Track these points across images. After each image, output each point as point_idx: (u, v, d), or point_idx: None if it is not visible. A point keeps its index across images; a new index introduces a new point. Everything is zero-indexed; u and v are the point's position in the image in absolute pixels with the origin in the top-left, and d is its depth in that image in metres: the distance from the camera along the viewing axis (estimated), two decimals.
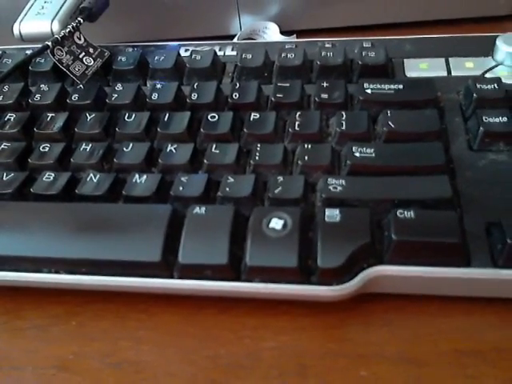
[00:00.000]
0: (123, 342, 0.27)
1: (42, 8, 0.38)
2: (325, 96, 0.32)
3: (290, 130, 0.31)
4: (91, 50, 0.37)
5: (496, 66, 0.33)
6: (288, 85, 0.33)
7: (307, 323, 0.26)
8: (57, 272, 0.27)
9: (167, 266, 0.26)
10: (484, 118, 0.29)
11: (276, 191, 0.28)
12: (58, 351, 0.27)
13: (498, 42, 0.34)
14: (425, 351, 0.25)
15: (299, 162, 0.29)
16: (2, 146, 0.33)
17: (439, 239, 0.25)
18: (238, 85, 0.34)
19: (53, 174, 0.30)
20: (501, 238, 0.25)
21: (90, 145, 0.32)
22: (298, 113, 0.31)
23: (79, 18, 0.36)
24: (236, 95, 0.33)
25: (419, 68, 0.34)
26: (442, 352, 0.25)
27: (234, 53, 0.38)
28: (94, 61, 0.37)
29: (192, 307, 0.27)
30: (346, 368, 0.25)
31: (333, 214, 0.26)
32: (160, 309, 0.28)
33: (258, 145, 0.30)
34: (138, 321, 0.28)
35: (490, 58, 0.34)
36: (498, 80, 0.31)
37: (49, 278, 0.27)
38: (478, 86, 0.31)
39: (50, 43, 0.35)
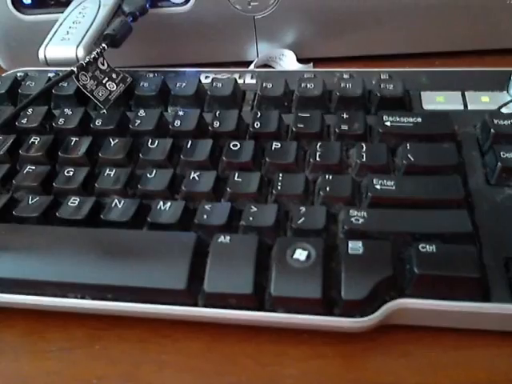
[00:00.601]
0: (146, 365, 0.27)
1: (67, 33, 0.38)
2: (344, 127, 0.33)
3: (311, 160, 0.31)
4: (114, 76, 0.38)
5: (511, 101, 0.34)
6: (308, 115, 0.34)
7: (328, 352, 0.27)
8: (82, 297, 0.28)
9: (192, 293, 0.27)
10: (501, 153, 0.30)
11: (299, 222, 0.28)
12: (81, 374, 0.27)
13: None
14: (442, 382, 0.25)
15: (321, 192, 0.30)
16: (27, 170, 0.33)
17: (459, 274, 0.25)
18: (259, 114, 0.34)
19: (78, 199, 0.31)
20: None
21: (114, 170, 0.32)
22: (319, 143, 0.32)
23: (103, 45, 0.37)
24: (258, 124, 0.34)
25: (436, 101, 0.35)
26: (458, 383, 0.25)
27: (254, 81, 0.39)
28: (117, 86, 0.38)
29: (215, 334, 0.28)
30: None
31: (355, 247, 0.27)
32: (183, 335, 0.28)
33: (280, 174, 0.31)
34: (160, 345, 0.28)
35: (505, 92, 0.35)
36: None
37: (74, 302, 0.28)
38: (495, 121, 0.32)
39: (75, 69, 0.36)
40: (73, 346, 0.28)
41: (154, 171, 0.32)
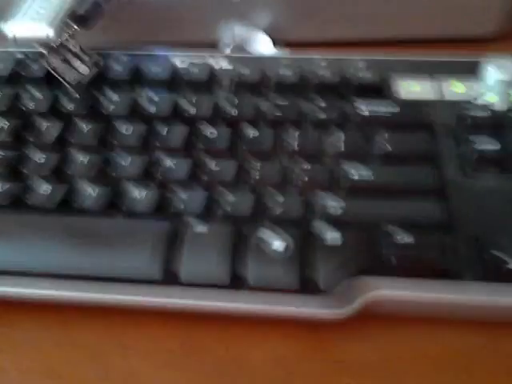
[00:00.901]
0: (112, 351, 0.27)
1: (37, 13, 0.37)
2: (322, 115, 0.33)
3: (288, 148, 0.31)
4: (86, 58, 0.37)
5: (487, 91, 0.34)
6: (285, 102, 0.34)
7: (295, 333, 0.27)
8: (52, 287, 0.27)
9: (167, 283, 0.26)
10: (476, 143, 0.30)
11: (276, 211, 0.28)
12: (47, 360, 0.27)
13: (489, 68, 0.35)
14: (407, 368, 0.26)
15: (298, 181, 0.29)
16: None
17: (435, 263, 0.26)
18: (235, 100, 0.34)
19: (49, 186, 0.30)
20: (495, 263, 0.26)
21: (87, 156, 0.32)
22: (297, 132, 0.32)
23: (75, 27, 0.36)
24: (234, 111, 0.33)
25: (413, 90, 0.35)
26: (424, 371, 0.26)
27: (231, 67, 0.38)
28: (90, 69, 0.37)
29: (191, 323, 0.28)
30: (333, 378, 0.25)
31: (333, 237, 0.27)
32: (154, 322, 0.28)
33: (257, 162, 0.30)
34: (128, 334, 0.28)
35: (481, 82, 0.35)
36: (489, 106, 0.32)
37: (43, 292, 0.27)
38: (470, 111, 0.32)
39: (45, 51, 0.34)
40: (41, 336, 0.28)
41: (129, 158, 0.31)
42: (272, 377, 0.26)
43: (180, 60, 0.39)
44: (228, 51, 0.43)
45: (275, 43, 0.44)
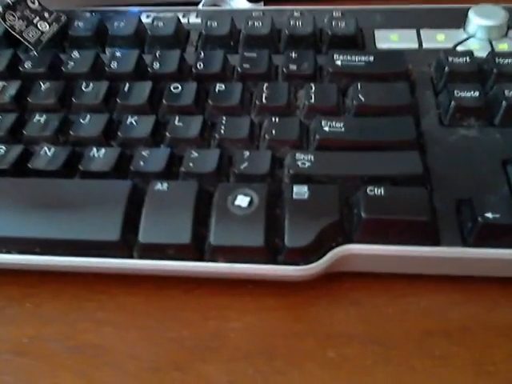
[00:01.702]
0: (82, 324, 0.26)
1: None
2: (293, 67, 0.31)
3: (256, 102, 0.29)
4: (46, 15, 0.35)
5: (468, 38, 0.33)
6: (255, 55, 0.32)
7: (274, 303, 0.26)
8: (8, 252, 0.26)
9: (127, 245, 0.25)
10: (455, 92, 0.28)
11: (242, 167, 0.26)
12: (12, 335, 0.25)
13: (470, 14, 0.33)
14: (393, 332, 0.24)
15: (266, 136, 0.28)
16: None
17: (409, 217, 0.24)
18: (202, 54, 0.32)
19: (4, 147, 0.28)
20: (471, 215, 0.24)
21: (45, 116, 0.30)
22: (266, 84, 0.30)
23: None
24: (200, 65, 0.31)
25: (390, 39, 0.33)
26: (409, 332, 0.24)
27: (199, 20, 0.36)
28: (50, 26, 0.35)
29: (154, 288, 0.26)
30: (314, 349, 0.24)
31: (301, 191, 0.25)
32: (121, 290, 0.26)
33: (224, 118, 0.29)
34: (97, 302, 0.26)
35: (462, 30, 0.33)
36: (469, 53, 0.30)
37: (1, 258, 0.26)
38: (450, 59, 0.30)
39: (0, 8, 0.33)
40: (2, 305, 0.27)
41: (88, 116, 0.30)
42: (252, 352, 0.24)
43: (146, 15, 0.37)
44: (200, 7, 0.41)
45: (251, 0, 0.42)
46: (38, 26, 0.35)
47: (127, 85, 0.31)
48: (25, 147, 0.29)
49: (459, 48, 0.32)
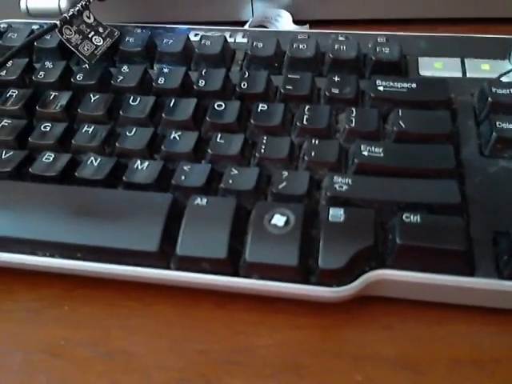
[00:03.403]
0: (115, 330, 0.26)
1: None
2: (335, 91, 0.31)
3: (297, 123, 0.30)
4: (101, 30, 0.36)
5: None
6: (298, 77, 0.32)
7: (304, 322, 0.26)
8: (52, 256, 0.27)
9: (164, 256, 0.26)
10: (497, 123, 0.28)
11: (280, 186, 0.27)
12: (48, 336, 0.26)
13: None
14: (423, 357, 0.24)
15: (305, 157, 0.28)
16: (3, 123, 0.32)
17: (444, 246, 0.24)
18: (247, 74, 0.33)
19: (52, 155, 0.30)
20: (508, 248, 0.24)
21: (93, 127, 0.31)
22: (307, 106, 0.30)
23: None
24: (244, 84, 0.32)
25: (433, 67, 0.34)
26: (440, 359, 0.24)
27: (245, 40, 0.37)
28: (104, 40, 0.36)
29: (187, 300, 0.27)
30: (342, 370, 0.24)
31: (337, 214, 0.25)
32: (154, 299, 0.27)
33: (265, 137, 0.29)
34: (130, 309, 0.27)
35: (507, 61, 0.33)
36: None
37: (43, 261, 0.27)
38: (494, 89, 0.30)
39: (58, 22, 0.34)
40: (41, 306, 0.28)
41: (134, 129, 0.31)
42: (281, 369, 0.24)
43: (194, 34, 0.38)
44: (246, 27, 0.42)
45: (297, 22, 0.43)
46: (93, 40, 0.36)
47: (173, 100, 0.32)
48: (72, 156, 0.30)
49: (503, 79, 0.32)
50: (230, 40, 0.37)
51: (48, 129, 0.31)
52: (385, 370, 0.24)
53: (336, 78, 0.32)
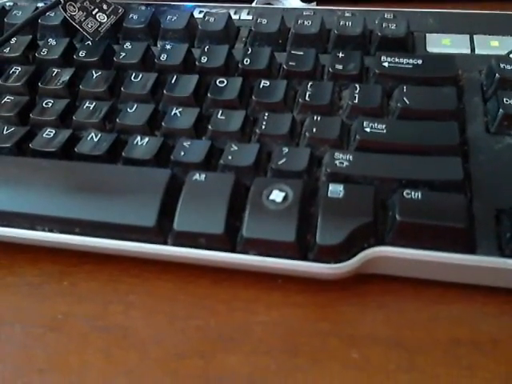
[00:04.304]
0: (113, 305, 0.26)
1: None
2: (339, 67, 0.31)
3: (300, 100, 0.29)
4: (105, 7, 0.36)
5: None
6: (302, 53, 0.32)
7: (301, 300, 0.26)
8: (51, 230, 0.27)
9: (162, 231, 0.25)
10: (505, 99, 0.28)
11: (279, 162, 0.26)
12: (48, 310, 0.26)
13: None
14: (420, 337, 0.24)
15: (307, 133, 0.28)
16: (5, 100, 0.32)
17: (445, 223, 0.24)
18: (249, 50, 0.32)
19: (53, 131, 0.30)
20: (510, 226, 0.24)
21: (94, 103, 0.31)
22: (310, 83, 0.30)
23: None
24: (247, 61, 0.32)
25: (441, 44, 0.33)
26: (437, 340, 0.24)
27: (250, 17, 0.36)
28: (108, 17, 0.36)
29: (185, 275, 0.27)
30: (338, 348, 0.24)
31: (336, 190, 0.25)
32: (152, 274, 0.27)
33: (266, 113, 0.29)
34: (129, 285, 0.27)
35: None
36: None
37: (42, 236, 0.27)
38: (502, 65, 0.29)
39: None
40: (41, 281, 0.28)
41: (135, 106, 0.30)
42: (277, 346, 0.24)
43: (199, 11, 0.37)
44: (253, 5, 0.42)
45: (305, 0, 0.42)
46: (97, 17, 0.36)
47: (174, 77, 0.31)
48: (73, 132, 0.30)
49: None
50: (234, 17, 0.36)
51: (50, 105, 0.31)
52: (381, 348, 0.24)
53: (340, 54, 0.31)
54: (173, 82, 0.31)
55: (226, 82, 0.31)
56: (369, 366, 0.23)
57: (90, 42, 0.34)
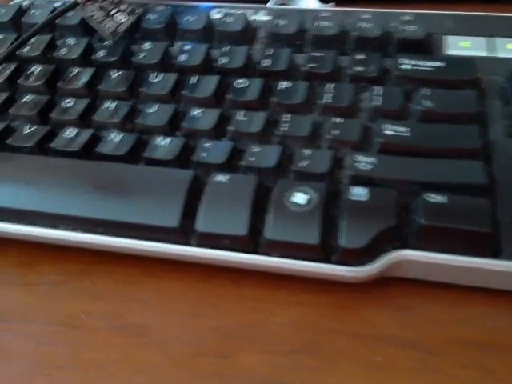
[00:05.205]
0: (131, 304, 0.27)
1: None
2: (359, 69, 0.31)
3: (320, 102, 0.29)
4: (123, 7, 0.36)
5: None
6: (322, 55, 0.32)
7: (321, 301, 0.26)
8: (73, 230, 0.27)
9: (184, 232, 0.26)
10: None
11: (301, 165, 0.27)
12: (67, 309, 0.27)
13: None
14: (442, 340, 0.24)
15: (328, 136, 0.28)
16: (25, 99, 0.32)
17: (469, 227, 0.24)
18: (269, 51, 0.32)
19: (75, 131, 0.30)
20: None
21: (114, 103, 0.31)
22: (330, 85, 0.30)
23: None
24: (267, 62, 0.32)
25: (460, 46, 0.33)
26: (458, 343, 0.24)
27: (268, 18, 0.36)
28: (126, 18, 0.36)
29: (205, 276, 0.27)
30: (356, 349, 0.24)
31: (359, 193, 0.25)
32: (173, 275, 0.27)
33: (287, 115, 0.29)
34: (148, 284, 0.27)
35: None
36: None
37: (65, 235, 0.27)
38: None
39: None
40: (62, 280, 0.28)
41: (156, 106, 0.31)
42: (296, 348, 0.24)
43: (217, 11, 0.37)
44: (269, 5, 0.42)
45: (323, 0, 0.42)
46: (115, 17, 0.36)
47: (194, 78, 0.31)
48: (94, 132, 0.30)
49: None
50: (252, 18, 0.36)
51: (70, 105, 0.31)
52: (400, 350, 0.24)
53: (360, 56, 0.31)
54: (193, 82, 0.31)
55: (246, 83, 0.31)
56: (390, 368, 0.23)
57: (108, 43, 0.34)
